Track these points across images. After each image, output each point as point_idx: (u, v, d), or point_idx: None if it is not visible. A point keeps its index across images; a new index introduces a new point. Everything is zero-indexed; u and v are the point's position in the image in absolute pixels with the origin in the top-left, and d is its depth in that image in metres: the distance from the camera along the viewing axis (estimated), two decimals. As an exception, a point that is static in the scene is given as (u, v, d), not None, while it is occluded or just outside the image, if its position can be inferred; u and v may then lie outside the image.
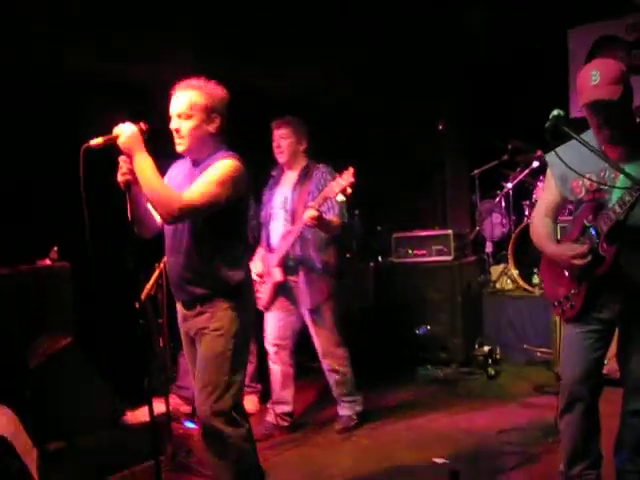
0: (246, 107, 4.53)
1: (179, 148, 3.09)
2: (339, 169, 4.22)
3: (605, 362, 3.28)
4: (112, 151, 2.92)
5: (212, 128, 3.07)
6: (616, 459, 3.19)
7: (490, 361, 5.92)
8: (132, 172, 2.89)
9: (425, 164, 8.40)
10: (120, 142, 2.87)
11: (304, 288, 4.47)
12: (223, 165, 2.99)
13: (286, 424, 4.64)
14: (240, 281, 3.10)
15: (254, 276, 4.33)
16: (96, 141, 2.87)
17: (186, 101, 3.04)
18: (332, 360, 4.62)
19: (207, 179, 2.95)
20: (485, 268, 6.99)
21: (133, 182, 2.90)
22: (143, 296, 4.18)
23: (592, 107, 2.94)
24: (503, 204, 7.15)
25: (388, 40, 7.23)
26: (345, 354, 4.68)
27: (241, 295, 3.10)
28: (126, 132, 2.86)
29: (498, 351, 6.11)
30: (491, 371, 5.81)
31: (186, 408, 5.06)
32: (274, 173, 4.72)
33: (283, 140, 4.52)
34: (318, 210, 4.16)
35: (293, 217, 4.44)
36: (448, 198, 8.54)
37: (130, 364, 4.79)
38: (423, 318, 6.28)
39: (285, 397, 4.65)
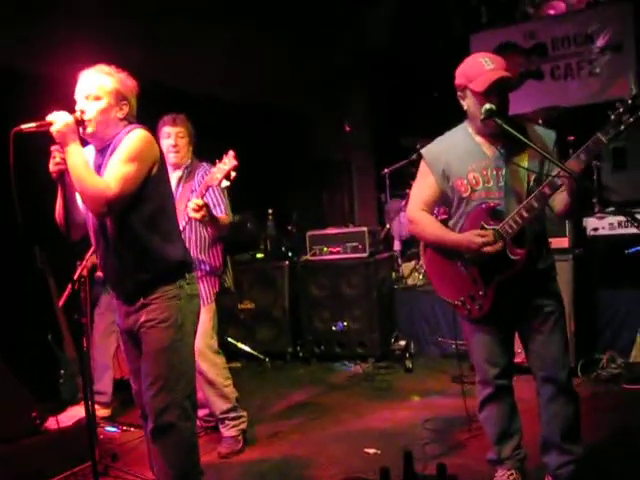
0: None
1: (85, 133, 2.88)
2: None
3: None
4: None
5: (120, 114, 2.94)
6: (546, 459, 3.19)
7: (407, 355, 6.02)
8: (66, 162, 2.78)
9: (332, 164, 8.48)
10: (53, 130, 2.75)
11: None
12: (132, 138, 2.84)
13: (212, 425, 4.54)
14: (180, 259, 2.99)
15: None
16: (28, 126, 2.74)
17: (95, 83, 2.90)
18: (209, 367, 4.18)
19: (121, 158, 2.80)
20: (395, 265, 7.10)
21: (67, 173, 2.79)
22: (64, 295, 4.04)
23: (494, 88, 2.92)
24: (411, 203, 7.27)
25: (294, 39, 7.26)
26: (224, 364, 4.31)
27: (184, 278, 2.98)
28: (60, 120, 2.75)
29: (413, 345, 6.23)
30: (408, 364, 5.91)
31: (104, 412, 4.94)
32: None
33: (180, 139, 4.19)
34: (202, 199, 3.81)
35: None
36: (355, 197, 8.65)
37: (48, 368, 4.62)
38: (340, 314, 6.34)
39: (202, 400, 4.46)
